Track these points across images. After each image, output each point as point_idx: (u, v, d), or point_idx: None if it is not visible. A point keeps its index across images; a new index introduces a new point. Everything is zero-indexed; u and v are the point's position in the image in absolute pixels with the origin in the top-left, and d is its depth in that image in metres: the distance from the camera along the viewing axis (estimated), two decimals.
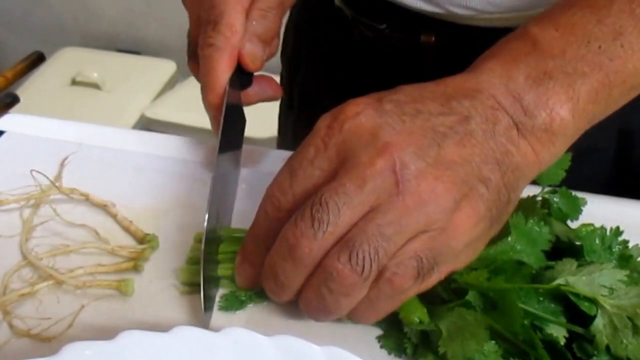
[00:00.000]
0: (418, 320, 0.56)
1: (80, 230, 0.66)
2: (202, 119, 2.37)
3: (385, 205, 0.50)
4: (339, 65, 0.94)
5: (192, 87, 2.49)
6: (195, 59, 0.70)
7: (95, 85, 2.48)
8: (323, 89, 0.97)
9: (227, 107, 0.66)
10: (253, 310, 0.61)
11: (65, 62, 2.60)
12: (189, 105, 2.39)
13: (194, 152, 0.76)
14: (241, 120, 0.70)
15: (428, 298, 0.56)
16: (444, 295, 0.57)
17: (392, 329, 0.59)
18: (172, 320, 0.59)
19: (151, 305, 0.61)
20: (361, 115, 0.53)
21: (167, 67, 2.61)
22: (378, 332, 0.59)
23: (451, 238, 0.52)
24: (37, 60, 0.86)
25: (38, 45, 2.60)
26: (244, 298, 0.61)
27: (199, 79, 0.71)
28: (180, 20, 2.76)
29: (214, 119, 0.69)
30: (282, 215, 0.54)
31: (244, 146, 0.76)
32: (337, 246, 0.51)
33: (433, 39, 0.81)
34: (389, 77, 0.86)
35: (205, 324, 0.58)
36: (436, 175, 0.51)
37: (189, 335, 0.52)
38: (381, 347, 0.59)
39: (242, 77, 0.69)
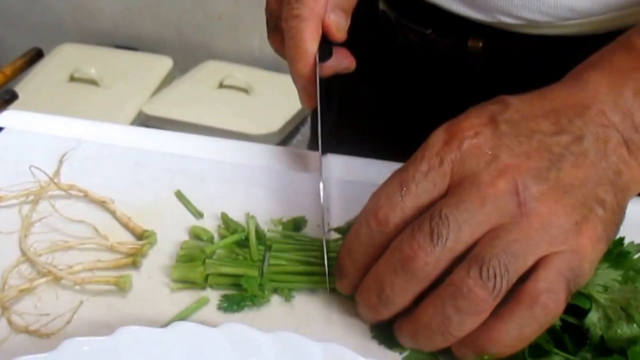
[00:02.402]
0: None
1: (79, 227, 0.66)
2: (199, 115, 2.38)
3: (509, 225, 0.50)
4: (381, 69, 0.92)
5: (189, 84, 2.50)
6: (276, 33, 0.70)
7: (93, 82, 2.48)
8: (364, 92, 0.96)
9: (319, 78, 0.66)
10: (252, 310, 0.61)
11: (63, 58, 2.59)
12: (187, 102, 2.39)
13: (192, 147, 0.76)
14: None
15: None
16: None
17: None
18: (170, 316, 0.59)
19: (149, 300, 0.61)
20: (480, 136, 0.53)
21: (164, 64, 2.60)
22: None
23: (583, 260, 0.51)
24: (35, 56, 0.86)
25: (35, 41, 2.58)
26: (245, 301, 0.60)
27: (280, 53, 0.70)
28: (176, 17, 2.78)
29: (303, 90, 0.68)
30: (390, 230, 0.53)
31: (246, 143, 0.77)
32: (464, 262, 0.50)
33: (480, 45, 0.80)
34: (432, 82, 0.86)
35: None
36: (556, 198, 0.51)
37: (187, 331, 0.52)
38: (373, 337, 0.59)
39: (323, 48, 0.68)
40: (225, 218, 0.67)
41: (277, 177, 0.73)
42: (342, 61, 0.71)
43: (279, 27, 0.69)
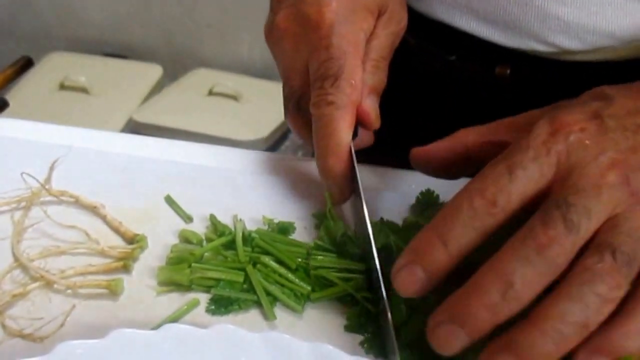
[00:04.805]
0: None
1: (70, 232, 0.67)
2: (189, 122, 2.39)
3: (626, 213, 0.49)
4: (396, 95, 0.88)
5: (178, 92, 2.51)
6: (297, 114, 0.66)
7: (84, 90, 2.48)
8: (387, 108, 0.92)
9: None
10: (240, 311, 0.62)
11: (53, 66, 2.60)
12: (176, 109, 2.40)
13: (181, 153, 0.77)
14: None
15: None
16: None
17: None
18: (161, 318, 0.60)
19: (141, 303, 0.61)
20: (586, 131, 0.51)
21: (153, 72, 2.61)
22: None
23: None
24: (25, 65, 0.87)
25: (25, 50, 2.58)
26: (232, 302, 0.61)
27: (302, 136, 0.67)
28: (165, 25, 2.78)
29: (334, 186, 0.64)
30: (496, 211, 0.50)
31: (234, 149, 0.77)
32: (591, 249, 0.48)
33: (509, 71, 0.78)
34: (454, 109, 0.84)
35: None
36: None
37: (178, 333, 0.53)
38: (360, 343, 0.59)
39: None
40: (213, 220, 0.67)
41: (265, 182, 0.74)
42: (364, 139, 0.68)
43: (302, 108, 0.65)
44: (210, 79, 2.52)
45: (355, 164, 0.63)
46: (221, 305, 0.61)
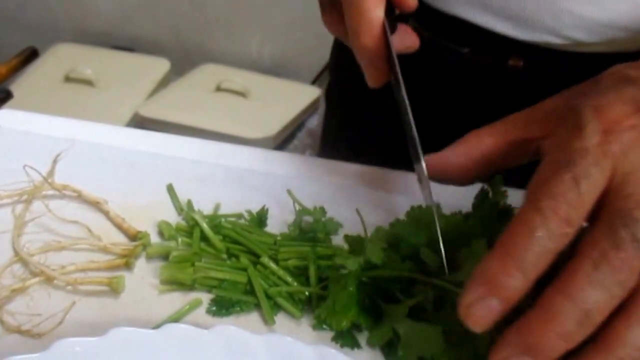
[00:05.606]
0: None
1: (72, 227, 0.66)
2: (195, 118, 2.39)
3: None
4: (410, 89, 0.90)
5: (185, 87, 2.50)
6: (332, 10, 0.65)
7: (89, 82, 2.48)
8: (382, 110, 0.91)
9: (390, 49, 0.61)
10: (242, 313, 0.61)
11: (59, 58, 2.59)
12: (183, 104, 2.39)
13: (187, 150, 0.76)
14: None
15: (386, 298, 0.58)
16: (398, 295, 0.58)
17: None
18: (162, 317, 0.59)
19: (142, 302, 0.61)
20: (638, 128, 0.50)
21: (160, 66, 2.61)
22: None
23: None
24: (30, 55, 0.86)
25: (31, 41, 2.59)
26: (234, 304, 0.61)
27: (339, 33, 0.66)
28: (174, 19, 2.78)
29: (370, 66, 0.63)
30: (572, 231, 0.48)
31: (241, 146, 0.77)
32: None
33: (521, 63, 0.79)
34: (466, 101, 0.84)
35: None
36: None
37: (179, 333, 0.52)
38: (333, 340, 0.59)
39: (387, 22, 0.61)
40: (189, 206, 0.68)
41: (272, 181, 0.73)
42: (406, 39, 0.65)
43: (336, 3, 0.64)
44: (219, 75, 2.51)
45: (392, 45, 0.61)
46: (222, 307, 0.60)
